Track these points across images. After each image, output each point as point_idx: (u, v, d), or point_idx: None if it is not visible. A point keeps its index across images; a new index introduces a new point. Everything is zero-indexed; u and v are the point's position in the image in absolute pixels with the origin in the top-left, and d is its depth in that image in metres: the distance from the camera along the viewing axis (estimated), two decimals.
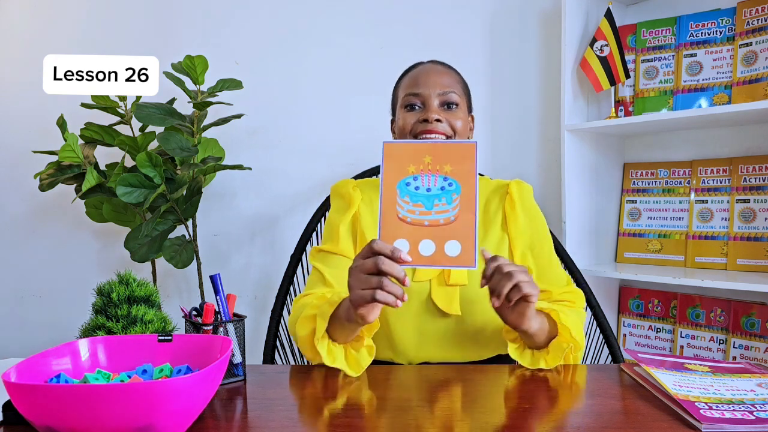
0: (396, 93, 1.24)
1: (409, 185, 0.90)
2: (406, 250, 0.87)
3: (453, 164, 0.89)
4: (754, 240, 1.57)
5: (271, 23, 1.93)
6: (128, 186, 1.53)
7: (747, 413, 0.75)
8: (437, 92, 1.15)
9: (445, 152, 0.90)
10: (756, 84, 1.52)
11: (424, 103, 1.16)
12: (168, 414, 0.66)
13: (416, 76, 1.19)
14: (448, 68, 1.23)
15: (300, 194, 1.93)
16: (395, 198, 0.89)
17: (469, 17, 1.89)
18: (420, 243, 0.87)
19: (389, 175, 0.90)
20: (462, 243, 0.87)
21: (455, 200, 0.88)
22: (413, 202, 0.89)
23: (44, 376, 0.76)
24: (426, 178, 0.90)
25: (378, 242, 0.85)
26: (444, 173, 0.89)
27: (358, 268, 0.86)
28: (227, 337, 0.87)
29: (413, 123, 1.15)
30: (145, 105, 1.58)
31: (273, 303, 1.48)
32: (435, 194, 0.89)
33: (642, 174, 1.79)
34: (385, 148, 0.91)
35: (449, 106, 1.16)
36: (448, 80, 1.18)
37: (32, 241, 2.01)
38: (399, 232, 0.88)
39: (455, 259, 0.86)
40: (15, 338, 2.01)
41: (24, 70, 1.97)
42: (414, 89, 1.17)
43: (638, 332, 1.77)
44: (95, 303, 0.94)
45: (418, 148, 0.91)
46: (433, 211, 0.88)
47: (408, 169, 0.90)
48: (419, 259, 0.87)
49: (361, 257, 0.87)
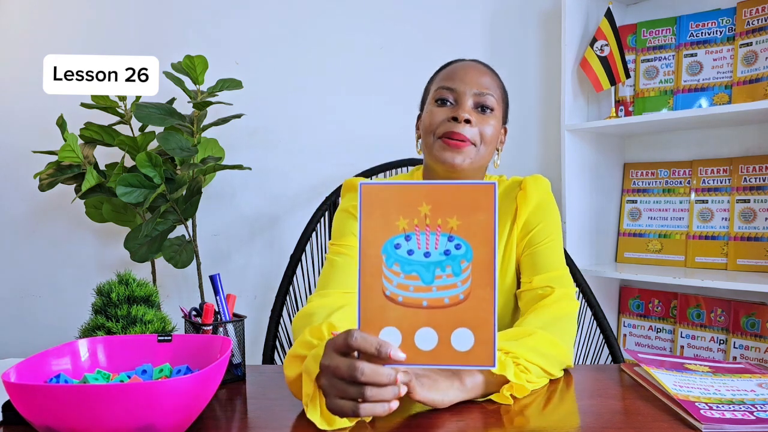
0: (428, 87, 1.12)
1: (400, 248, 0.65)
2: (397, 343, 0.65)
3: (462, 216, 0.64)
4: (754, 240, 1.57)
5: (271, 23, 1.93)
6: (128, 186, 1.53)
7: (747, 413, 0.75)
8: (474, 91, 1.03)
9: (451, 198, 0.64)
10: (756, 84, 1.52)
11: (457, 99, 1.03)
12: (167, 414, 0.66)
13: (454, 71, 1.07)
14: (490, 70, 1.10)
15: (300, 194, 1.93)
16: (380, 267, 0.65)
17: (469, 17, 1.89)
18: (417, 333, 0.65)
19: (370, 234, 0.65)
20: (476, 332, 0.64)
21: (465, 270, 0.64)
22: (406, 273, 0.65)
23: (44, 377, 0.76)
24: (423, 238, 0.65)
25: (357, 335, 0.64)
26: (449, 230, 0.64)
27: (332, 370, 0.66)
28: (227, 338, 0.87)
29: (441, 120, 1.02)
30: (145, 105, 1.58)
31: (273, 303, 1.48)
32: (436, 261, 0.65)
33: (642, 174, 1.79)
34: (363, 193, 0.65)
35: (483, 109, 1.03)
36: (488, 81, 1.05)
37: (32, 241, 2.01)
38: (387, 316, 0.65)
39: (466, 355, 0.64)
40: (14, 338, 2.01)
41: (24, 70, 1.97)
42: (449, 83, 1.04)
43: (638, 332, 1.77)
44: (95, 303, 0.94)
45: (411, 191, 0.64)
46: (434, 287, 0.65)
47: (397, 224, 0.65)
48: (416, 356, 0.65)
49: (336, 350, 0.67)
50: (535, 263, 1.05)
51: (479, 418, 0.78)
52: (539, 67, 1.87)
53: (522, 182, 1.11)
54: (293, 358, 0.79)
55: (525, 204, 1.08)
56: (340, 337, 0.66)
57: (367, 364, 0.64)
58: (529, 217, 1.07)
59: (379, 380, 0.64)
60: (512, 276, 1.09)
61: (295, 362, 0.79)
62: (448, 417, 0.78)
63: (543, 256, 1.05)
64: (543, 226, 1.07)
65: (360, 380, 0.63)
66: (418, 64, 1.96)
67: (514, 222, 1.08)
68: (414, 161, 1.65)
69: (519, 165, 1.88)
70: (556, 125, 1.75)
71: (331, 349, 0.67)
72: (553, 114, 1.80)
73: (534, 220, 1.07)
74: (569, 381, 0.94)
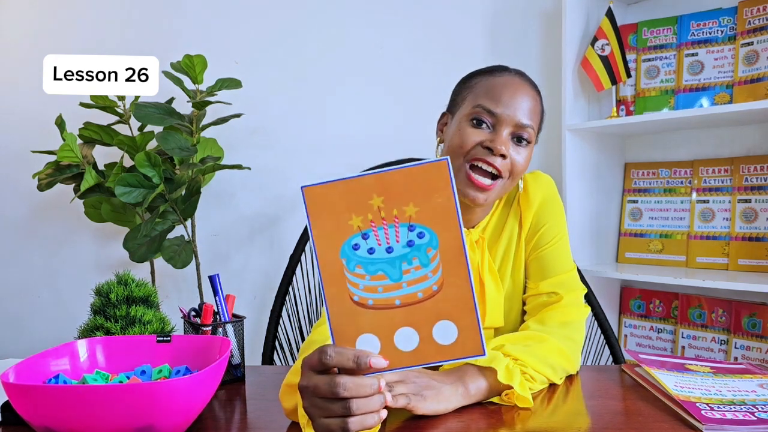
0: (463, 94, 1.00)
1: (359, 248, 0.59)
2: (376, 349, 0.60)
3: (418, 201, 0.58)
4: (755, 240, 1.57)
5: (270, 23, 1.93)
6: (127, 186, 1.52)
7: (748, 414, 0.75)
8: (515, 121, 0.94)
9: (403, 184, 0.58)
10: (757, 83, 1.52)
11: (495, 125, 0.94)
12: (167, 415, 0.66)
13: (499, 91, 0.95)
14: (534, 89, 1.00)
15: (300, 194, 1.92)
16: (342, 273, 0.59)
17: (469, 17, 1.89)
18: (395, 334, 0.60)
19: (323, 239, 0.59)
20: (458, 322, 0.60)
21: (434, 258, 0.59)
22: (371, 274, 0.59)
23: (43, 377, 0.76)
24: (382, 233, 0.59)
25: (330, 351, 0.60)
26: (407, 219, 0.59)
27: (312, 390, 0.62)
28: (226, 338, 0.86)
29: (473, 144, 0.93)
30: (144, 104, 1.58)
31: (272, 303, 1.48)
32: (401, 255, 0.59)
33: (643, 174, 1.79)
34: (306, 196, 0.59)
35: (520, 140, 0.95)
36: (531, 109, 0.96)
37: (31, 241, 2.01)
38: (360, 324, 0.60)
39: (451, 348, 0.60)
40: (13, 338, 2.01)
41: (24, 70, 1.96)
42: (490, 105, 0.94)
43: (639, 333, 1.76)
44: (94, 303, 0.94)
45: (358, 185, 0.58)
46: (403, 282, 0.59)
47: (350, 223, 0.59)
48: (399, 359, 0.60)
49: (313, 369, 0.62)
50: (542, 267, 1.02)
51: (480, 418, 0.78)
52: (540, 67, 1.87)
53: (522, 180, 1.06)
54: (287, 388, 0.76)
55: (528, 204, 1.04)
56: (314, 356, 0.61)
57: (348, 377, 0.60)
58: (535, 217, 1.04)
59: (363, 392, 0.60)
60: (522, 281, 1.05)
61: (289, 392, 0.76)
62: (448, 417, 0.77)
63: (549, 260, 1.02)
64: (549, 227, 1.04)
65: (343, 396, 0.59)
66: (418, 64, 1.97)
67: (521, 224, 1.04)
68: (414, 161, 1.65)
69: None
70: (556, 125, 1.75)
71: (307, 368, 0.63)
72: (554, 114, 1.80)
73: (540, 220, 1.04)
74: (571, 382, 0.94)
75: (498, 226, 1.05)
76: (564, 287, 1.00)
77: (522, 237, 1.04)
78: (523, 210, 1.04)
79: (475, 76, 1.01)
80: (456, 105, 1.01)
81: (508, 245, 1.04)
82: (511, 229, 1.05)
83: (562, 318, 0.96)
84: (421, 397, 0.74)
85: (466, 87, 1.01)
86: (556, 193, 1.07)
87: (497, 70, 1.00)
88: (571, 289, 1.00)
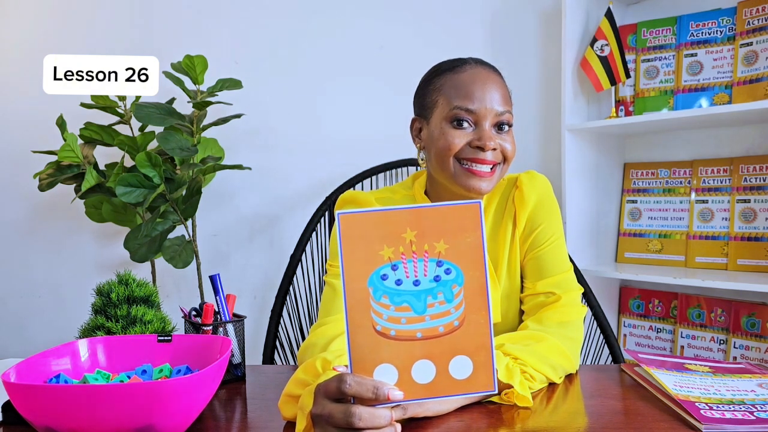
0: (432, 97, 1.00)
1: (387, 279, 0.60)
2: (393, 380, 0.61)
3: (449, 239, 0.61)
4: (754, 240, 1.57)
5: (270, 23, 1.93)
6: (128, 186, 1.53)
7: (747, 413, 0.75)
8: (494, 112, 0.95)
9: (437, 221, 0.61)
10: (756, 84, 1.52)
11: (477, 122, 0.95)
12: (167, 414, 0.66)
13: (470, 87, 0.96)
14: (498, 73, 1.01)
15: (300, 194, 1.93)
16: (367, 301, 0.60)
17: (469, 17, 1.89)
18: (413, 366, 0.61)
19: (353, 267, 0.60)
20: (474, 357, 0.62)
21: (458, 295, 0.61)
22: (396, 305, 0.61)
23: (44, 377, 0.76)
24: (411, 266, 0.61)
25: (350, 380, 0.60)
26: (436, 255, 0.61)
27: (326, 419, 0.62)
28: (227, 338, 0.87)
29: (461, 145, 0.95)
30: (145, 105, 1.58)
31: (273, 303, 1.48)
32: (427, 289, 0.61)
33: (642, 174, 1.79)
34: (341, 223, 0.60)
35: (501, 127, 0.97)
36: (503, 92, 0.98)
37: (31, 241, 2.01)
38: (380, 353, 0.61)
39: (465, 383, 0.62)
40: (14, 338, 2.01)
41: (24, 70, 1.96)
42: (467, 103, 0.95)
43: (639, 332, 1.77)
44: (95, 303, 0.94)
45: (393, 217, 0.60)
46: (427, 316, 0.61)
47: (381, 253, 0.60)
48: (414, 391, 0.61)
49: (329, 397, 0.62)
50: (539, 267, 1.03)
51: (480, 418, 0.78)
52: (539, 67, 1.87)
53: (516, 180, 1.07)
54: (288, 398, 0.76)
55: (523, 204, 1.04)
56: (332, 384, 0.62)
57: (363, 408, 0.60)
58: (530, 217, 1.04)
59: (378, 423, 0.61)
60: (519, 279, 1.06)
61: (290, 402, 0.76)
62: (448, 417, 0.78)
63: (546, 260, 1.03)
64: (545, 227, 1.04)
65: (358, 426, 0.60)
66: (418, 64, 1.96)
67: (515, 224, 1.05)
68: (414, 161, 1.65)
69: (519, 165, 1.84)
70: (556, 125, 1.75)
71: (321, 396, 0.63)
72: (554, 114, 1.80)
73: (536, 221, 1.04)
74: (570, 381, 0.94)
75: (493, 225, 1.06)
76: (561, 287, 1.01)
77: (516, 236, 1.04)
78: (517, 209, 1.04)
79: (437, 75, 1.01)
80: (427, 109, 1.01)
81: (503, 244, 1.05)
82: (505, 228, 1.05)
83: (561, 318, 0.97)
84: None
85: (432, 89, 1.00)
86: (552, 193, 1.08)
87: (458, 65, 1.00)
88: (569, 289, 1.01)
